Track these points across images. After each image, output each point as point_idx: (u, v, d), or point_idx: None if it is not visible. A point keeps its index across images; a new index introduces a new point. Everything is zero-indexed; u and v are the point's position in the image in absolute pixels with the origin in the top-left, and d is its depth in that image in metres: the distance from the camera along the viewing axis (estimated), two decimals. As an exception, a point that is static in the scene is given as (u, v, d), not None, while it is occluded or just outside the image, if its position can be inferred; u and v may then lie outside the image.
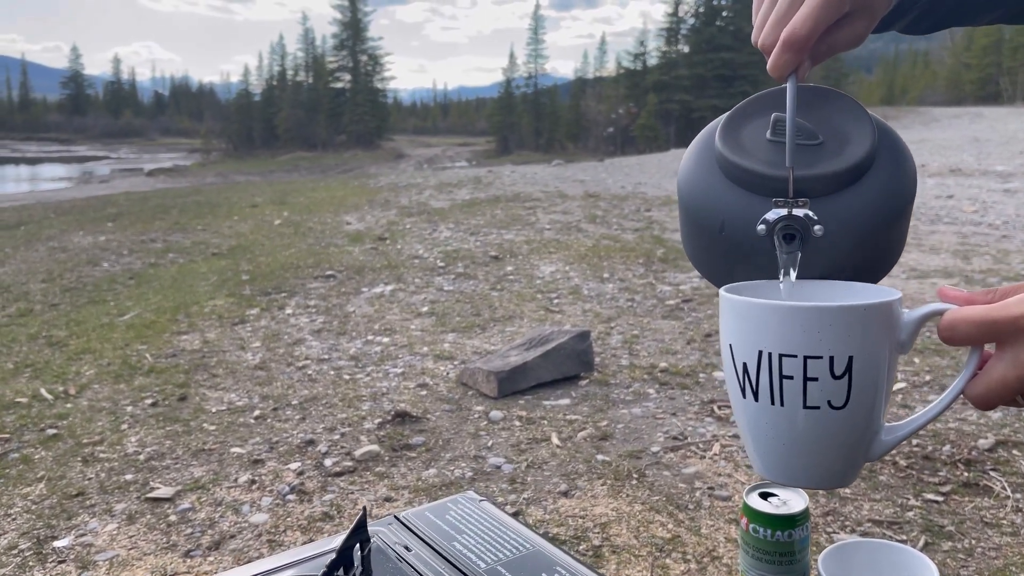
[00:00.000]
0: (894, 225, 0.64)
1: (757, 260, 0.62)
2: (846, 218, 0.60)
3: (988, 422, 2.50)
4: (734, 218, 0.62)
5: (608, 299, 4.39)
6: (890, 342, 0.54)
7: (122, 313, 4.37)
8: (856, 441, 0.55)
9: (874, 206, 0.61)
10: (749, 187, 0.62)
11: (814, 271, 0.62)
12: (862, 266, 0.63)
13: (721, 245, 0.64)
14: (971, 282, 4.41)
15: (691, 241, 0.69)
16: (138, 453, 2.49)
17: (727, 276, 0.64)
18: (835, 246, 0.61)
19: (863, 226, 0.61)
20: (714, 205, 0.64)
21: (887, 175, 0.63)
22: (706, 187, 0.65)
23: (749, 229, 0.61)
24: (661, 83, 48.45)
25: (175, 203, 10.52)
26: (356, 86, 61.95)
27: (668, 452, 2.36)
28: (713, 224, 0.64)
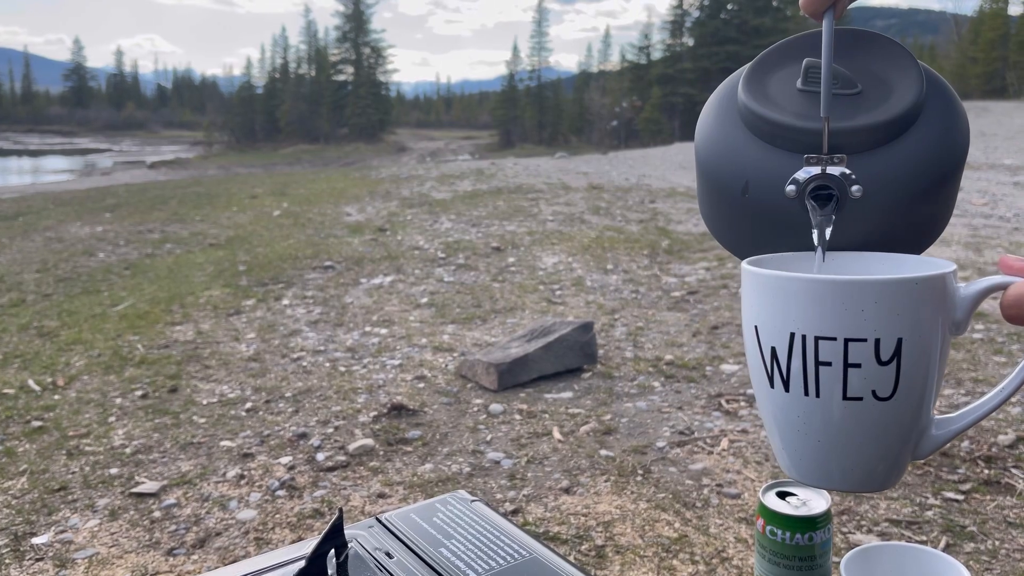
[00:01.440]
0: (943, 187, 0.54)
1: (785, 226, 0.53)
2: (889, 178, 0.52)
3: (1008, 417, 2.41)
4: (759, 178, 0.54)
5: (612, 291, 4.30)
6: (944, 321, 0.46)
7: (115, 303, 4.28)
8: (904, 437, 0.47)
9: (921, 164, 0.52)
10: (777, 143, 0.53)
11: (851, 239, 0.53)
12: (905, 235, 0.55)
13: (744, 209, 0.55)
14: (984, 274, 4.31)
15: (710, 206, 0.60)
16: (124, 446, 2.40)
17: (751, 246, 0.56)
18: (875, 210, 0.52)
19: (908, 187, 0.52)
20: (736, 164, 0.55)
21: (936, 130, 0.54)
22: (728, 144, 0.56)
23: (776, 190, 0.53)
24: (665, 76, 48.18)
25: (174, 194, 10.43)
26: (359, 79, 61.77)
27: (674, 447, 2.27)
28: (735, 185, 0.55)
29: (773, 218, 0.54)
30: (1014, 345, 3.09)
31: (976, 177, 9.49)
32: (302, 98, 61.54)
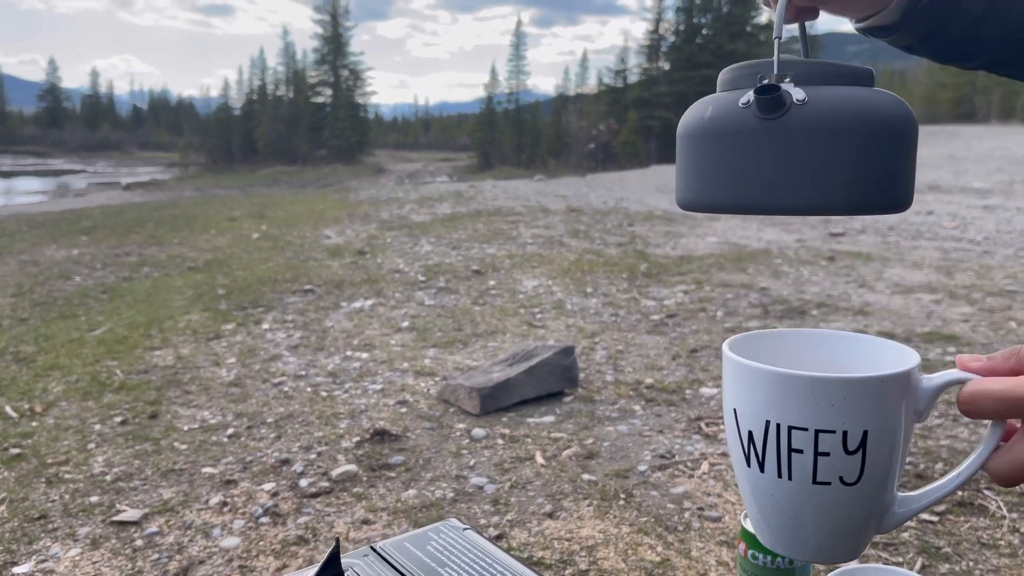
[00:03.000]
0: (893, 136, 0.56)
1: (745, 142, 0.56)
2: (839, 103, 0.54)
3: (980, 439, 2.46)
4: (720, 103, 0.58)
5: (592, 314, 4.33)
6: (907, 413, 0.50)
7: (93, 328, 4.25)
8: (868, 516, 0.51)
9: (870, 104, 0.55)
10: (739, 84, 0.58)
11: (805, 161, 0.54)
12: (849, 175, 0.55)
13: (709, 140, 0.58)
14: (955, 297, 4.40)
15: (685, 161, 0.62)
16: (105, 474, 2.38)
17: (720, 179, 0.58)
18: (824, 133, 0.54)
19: (858, 115, 0.54)
20: (703, 106, 0.60)
21: (888, 94, 0.58)
22: (699, 102, 0.61)
23: (734, 108, 0.56)
24: (642, 100, 48.75)
25: (151, 216, 10.36)
26: (337, 101, 61.84)
27: (656, 471, 2.30)
28: (701, 118, 0.59)
29: (731, 135, 0.56)
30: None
31: (947, 200, 9.70)
32: (280, 120, 61.43)
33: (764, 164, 0.56)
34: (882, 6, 0.69)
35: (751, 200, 0.58)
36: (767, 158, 0.56)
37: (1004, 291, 4.54)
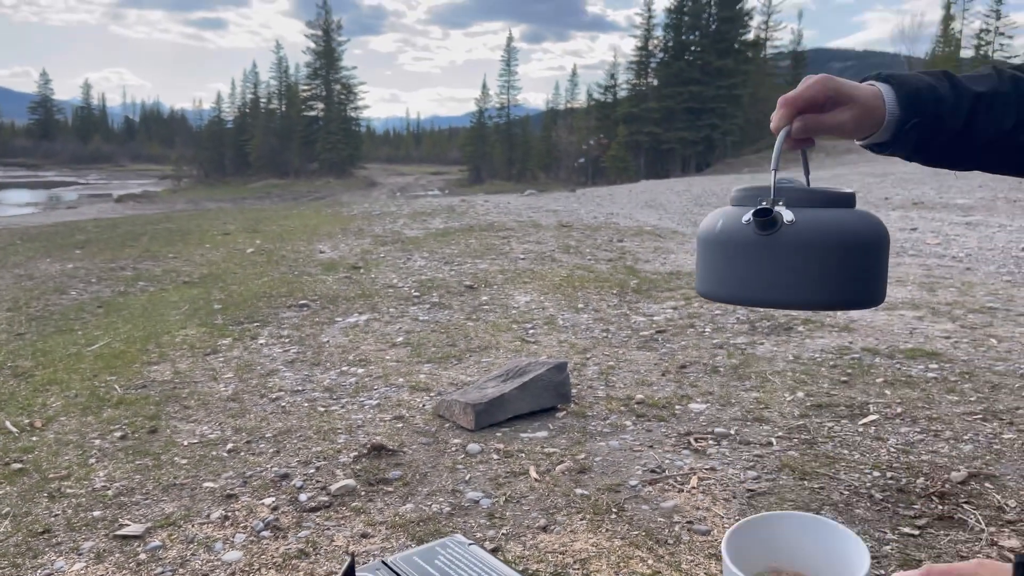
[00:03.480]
0: (868, 252, 0.74)
1: (746, 252, 0.74)
2: (822, 222, 0.72)
3: (960, 455, 2.54)
4: (728, 217, 0.77)
5: (583, 330, 4.40)
6: None
7: (90, 343, 4.29)
8: None
9: (848, 223, 0.73)
10: (744, 203, 0.77)
11: (791, 271, 0.73)
12: (837, 283, 0.74)
13: (718, 247, 0.77)
14: (938, 314, 4.50)
15: (703, 262, 0.81)
16: (106, 488, 2.43)
17: (728, 279, 0.77)
18: (810, 247, 0.72)
19: (837, 236, 0.72)
20: (716, 217, 0.79)
21: (866, 213, 0.77)
22: (714, 213, 0.81)
23: (738, 223, 0.75)
24: (631, 115, 49.06)
25: (145, 230, 10.39)
26: (329, 114, 61.98)
27: (646, 485, 2.36)
28: (713, 228, 0.78)
29: (736, 245, 0.75)
30: (966, 384, 3.25)
31: (930, 217, 9.84)
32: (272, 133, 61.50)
33: (761, 270, 0.73)
34: (873, 131, 0.83)
35: (752, 297, 0.76)
36: (763, 266, 0.73)
37: (985, 308, 4.64)
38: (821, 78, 0.81)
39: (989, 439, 2.66)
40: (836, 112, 0.81)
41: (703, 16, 48.83)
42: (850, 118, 0.81)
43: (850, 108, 0.81)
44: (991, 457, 2.52)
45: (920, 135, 0.84)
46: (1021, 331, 4.10)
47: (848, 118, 0.81)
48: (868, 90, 0.83)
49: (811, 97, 0.80)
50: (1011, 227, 8.58)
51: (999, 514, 2.14)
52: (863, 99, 0.82)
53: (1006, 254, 6.79)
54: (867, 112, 0.82)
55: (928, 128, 0.83)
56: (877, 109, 0.82)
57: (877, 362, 3.58)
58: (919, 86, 0.83)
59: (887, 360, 3.61)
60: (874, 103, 0.82)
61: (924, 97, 0.83)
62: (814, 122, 0.81)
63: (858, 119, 0.82)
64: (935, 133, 0.84)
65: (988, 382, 3.26)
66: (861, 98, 0.82)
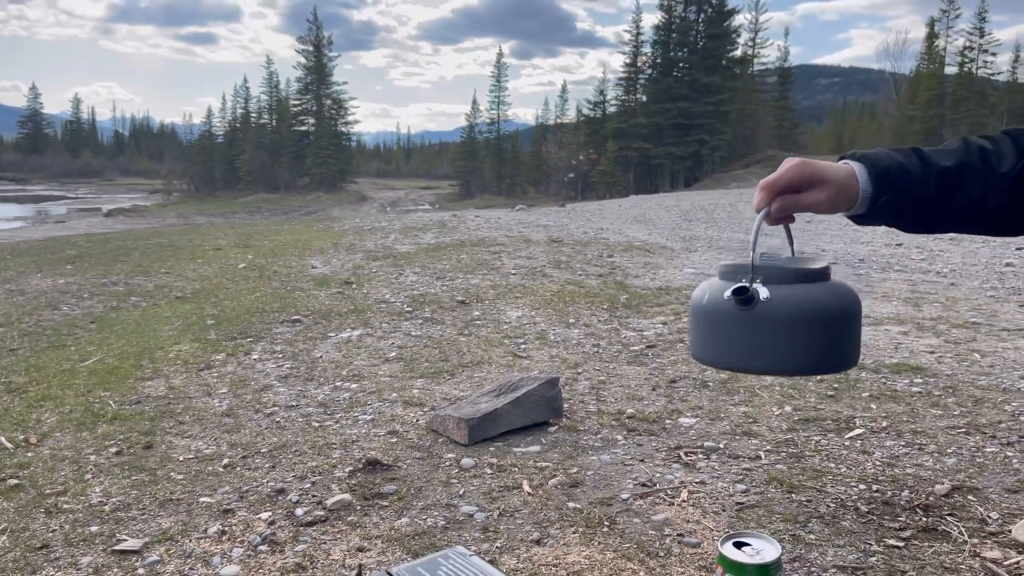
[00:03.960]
0: (838, 323, 0.82)
1: (728, 324, 0.83)
2: (795, 298, 0.81)
3: (944, 468, 2.60)
4: (714, 290, 0.86)
5: (574, 344, 4.45)
6: None
7: (84, 358, 4.30)
8: None
9: (822, 297, 0.81)
10: (727, 277, 0.86)
11: (767, 344, 0.81)
12: (799, 352, 0.82)
13: (705, 318, 0.86)
14: (922, 329, 4.57)
15: (692, 329, 0.90)
16: (103, 503, 2.45)
17: (715, 344, 0.85)
18: (784, 321, 0.80)
19: (806, 310, 0.80)
20: (704, 289, 0.88)
21: (839, 284, 0.85)
22: (703, 284, 0.90)
23: (720, 298, 0.84)
24: (620, 131, 49.37)
25: (137, 245, 10.39)
26: (320, 129, 62.07)
27: (638, 499, 2.40)
28: (701, 300, 0.87)
29: (719, 316, 0.83)
30: (950, 398, 3.31)
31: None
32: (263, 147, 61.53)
33: (740, 341, 0.82)
34: (849, 206, 0.91)
35: (734, 364, 0.84)
36: (742, 337, 0.81)
37: (969, 323, 4.72)
38: (798, 163, 0.87)
39: (972, 452, 2.72)
40: (812, 192, 0.88)
41: (691, 33, 49.31)
42: (825, 198, 0.88)
43: (825, 189, 0.88)
44: (974, 470, 2.57)
45: (893, 208, 0.91)
46: (1004, 346, 4.17)
47: (823, 198, 0.88)
48: (843, 170, 0.90)
49: (788, 180, 0.87)
50: (994, 243, 8.71)
51: (982, 526, 2.20)
52: (838, 180, 0.89)
53: (989, 269, 6.90)
54: (842, 191, 0.89)
55: (900, 202, 0.91)
56: (851, 188, 0.89)
57: (863, 376, 3.64)
58: (889, 164, 0.90)
59: (873, 374, 3.67)
60: (848, 182, 0.89)
61: (894, 174, 0.90)
62: (792, 202, 0.88)
63: (833, 199, 0.89)
64: (907, 205, 0.91)
65: (971, 396, 3.33)
66: (836, 179, 0.88)
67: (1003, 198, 0.91)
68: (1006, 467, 2.59)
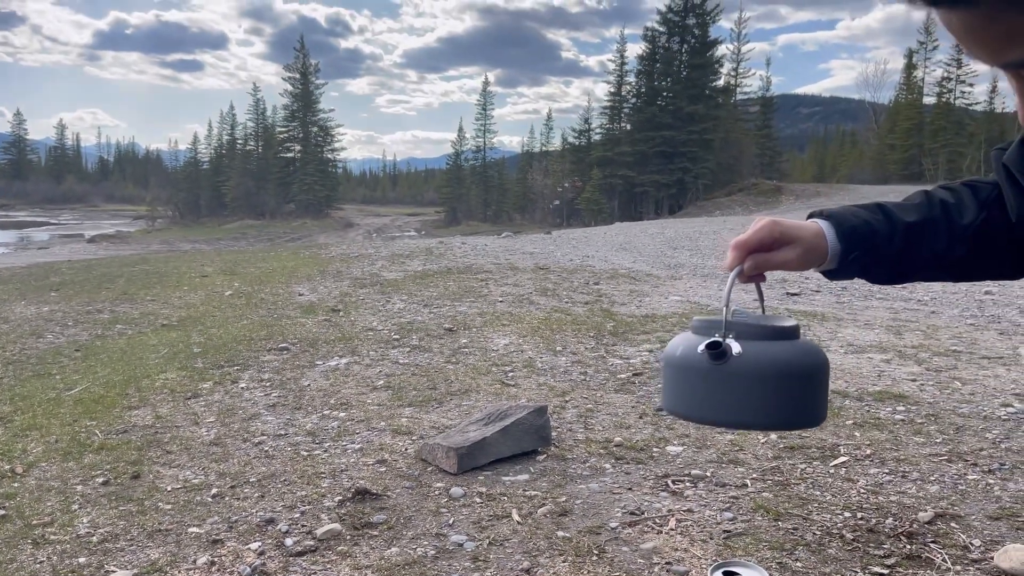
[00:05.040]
0: (806, 379, 0.86)
1: (700, 377, 0.86)
2: (766, 354, 0.84)
3: (927, 495, 2.64)
4: (687, 344, 0.89)
5: (561, 372, 4.48)
6: None
7: (69, 387, 4.28)
8: None
9: (791, 354, 0.85)
10: (701, 332, 0.89)
11: (737, 398, 0.85)
12: (770, 407, 0.85)
13: (678, 371, 0.89)
14: (904, 356, 4.64)
15: (665, 381, 0.93)
16: (91, 534, 2.44)
17: (684, 399, 0.89)
18: (755, 376, 0.83)
19: (776, 365, 0.83)
20: (677, 343, 0.91)
21: (808, 344, 0.89)
22: (677, 338, 0.93)
23: (694, 352, 0.87)
24: (605, 159, 49.80)
25: (122, 272, 10.34)
26: (306, 156, 62.19)
27: (626, 527, 2.42)
28: (674, 353, 0.90)
29: (694, 369, 0.86)
30: (932, 426, 3.36)
31: (898, 261, 10.11)
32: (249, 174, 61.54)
33: (711, 395, 0.85)
34: (819, 263, 0.95)
35: (704, 417, 0.87)
36: (713, 391, 0.84)
37: (950, 351, 4.80)
38: (768, 223, 0.91)
39: (954, 480, 2.76)
40: (783, 251, 0.92)
41: (675, 63, 50.02)
42: (795, 256, 0.92)
43: (795, 247, 0.92)
44: (956, 497, 2.61)
45: (861, 264, 0.95)
46: (984, 374, 4.24)
47: (793, 256, 0.92)
48: (811, 228, 0.94)
49: (759, 240, 0.91)
50: (974, 271, 8.85)
51: (964, 553, 2.23)
52: (806, 238, 0.93)
53: (969, 297, 7.01)
54: (811, 249, 0.93)
55: (867, 258, 0.95)
56: (819, 246, 0.93)
57: (847, 404, 3.69)
58: (855, 223, 0.95)
59: (856, 402, 3.72)
60: (816, 241, 0.93)
61: (861, 232, 0.94)
62: (763, 260, 0.91)
63: (802, 256, 0.92)
64: (874, 261, 0.96)
65: (953, 424, 3.38)
66: (804, 237, 0.93)
67: (965, 248, 0.95)
68: (987, 494, 2.63)
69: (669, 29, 49.84)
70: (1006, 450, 3.05)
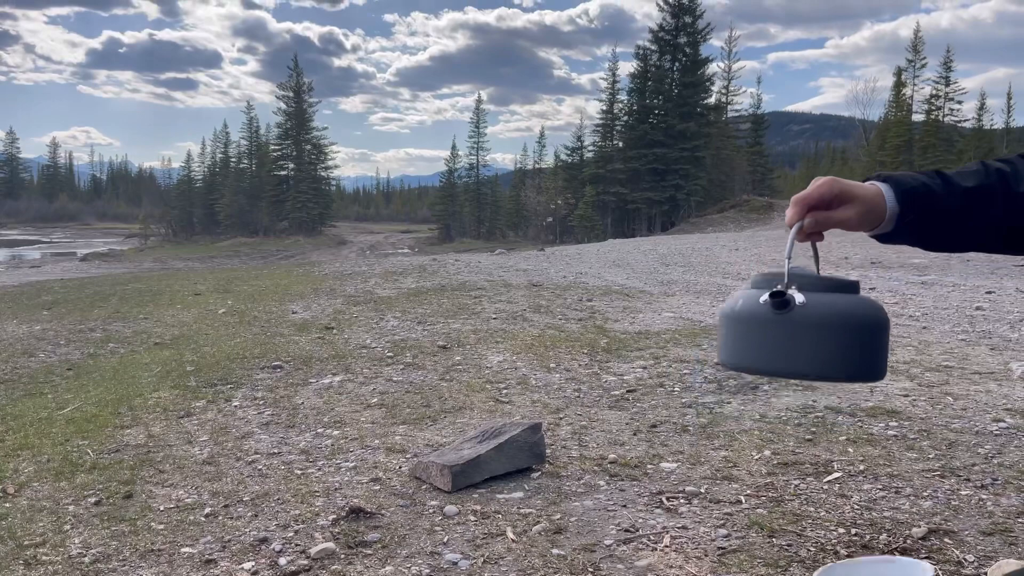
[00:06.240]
0: (872, 333, 0.86)
1: (762, 328, 0.86)
2: (830, 305, 0.84)
3: (920, 511, 2.64)
4: (747, 298, 0.90)
5: (555, 389, 4.48)
6: None
7: (61, 406, 4.26)
8: None
9: (853, 307, 0.85)
10: (761, 285, 0.90)
11: (802, 350, 0.84)
12: (835, 358, 0.85)
13: (739, 323, 0.89)
14: (896, 372, 4.66)
15: (726, 336, 0.93)
16: (82, 555, 2.42)
17: (745, 351, 0.89)
18: (820, 327, 0.83)
19: (840, 315, 0.83)
20: (737, 297, 0.92)
21: (869, 299, 0.89)
22: (736, 293, 0.94)
23: (756, 303, 0.88)
24: (597, 176, 50.02)
25: (114, 290, 10.31)
26: (299, 174, 62.29)
27: (621, 545, 2.42)
28: (734, 307, 0.90)
29: (752, 320, 0.87)
30: (925, 442, 3.38)
31: (888, 277, 10.17)
32: (242, 191, 61.58)
33: (774, 345, 0.84)
34: (876, 225, 0.95)
35: (766, 367, 0.87)
36: (776, 341, 0.84)
37: (941, 367, 4.82)
38: (829, 180, 0.92)
39: (947, 495, 2.77)
40: (842, 209, 0.92)
41: (666, 81, 50.39)
42: (854, 215, 0.92)
43: (854, 206, 0.92)
44: (949, 513, 2.62)
45: (917, 227, 0.96)
46: (976, 389, 4.26)
47: (852, 215, 0.92)
48: (870, 189, 0.94)
49: (820, 196, 0.91)
50: (964, 286, 8.90)
51: (958, 569, 2.24)
52: (866, 198, 0.93)
53: (960, 313, 7.05)
54: (870, 209, 0.93)
55: (924, 220, 0.95)
56: (879, 206, 0.94)
57: (840, 420, 3.70)
58: (914, 184, 0.96)
59: (849, 418, 3.73)
60: (876, 200, 0.94)
61: (919, 193, 0.95)
62: (823, 218, 0.91)
63: (862, 216, 0.93)
64: (931, 224, 0.96)
65: (945, 439, 3.39)
66: (864, 197, 0.93)
67: (1021, 217, 0.96)
68: (981, 510, 2.64)
69: (660, 48, 50.25)
70: (998, 465, 3.07)
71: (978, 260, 11.43)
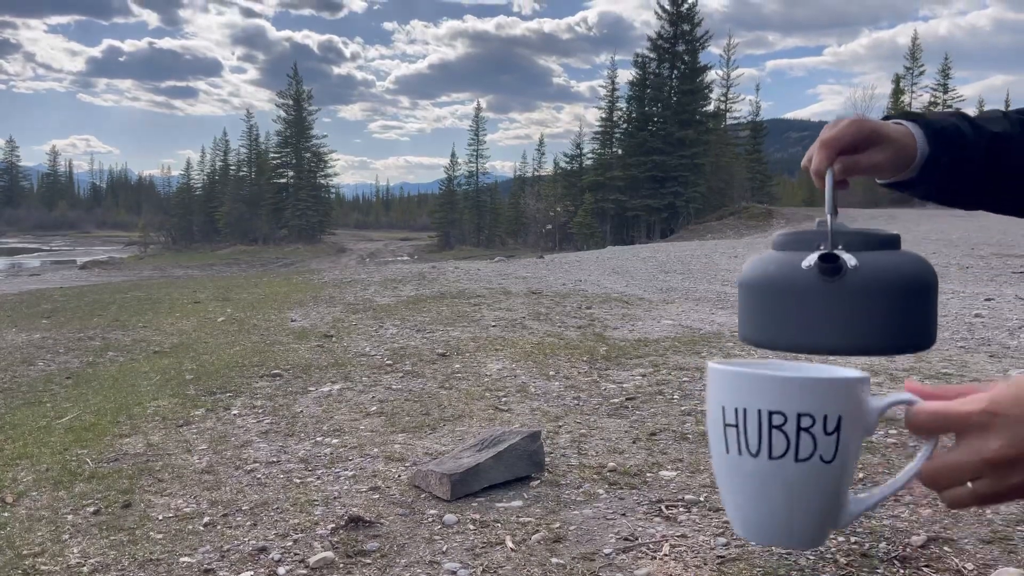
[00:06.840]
0: (920, 294, 0.72)
1: (807, 298, 0.71)
2: (880, 266, 0.70)
3: (920, 519, 2.64)
4: (781, 263, 0.73)
5: (555, 397, 4.48)
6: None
7: (60, 415, 4.26)
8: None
9: (904, 266, 0.71)
10: (790, 247, 0.74)
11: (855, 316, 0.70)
12: (894, 326, 0.71)
13: (774, 293, 0.73)
14: (895, 379, 4.66)
15: (751, 310, 0.77)
16: (81, 565, 2.42)
17: (787, 323, 0.73)
18: (870, 293, 0.70)
19: (898, 277, 0.70)
20: (764, 263, 0.75)
21: (914, 255, 0.74)
22: (758, 259, 0.77)
23: (795, 269, 0.71)
24: (597, 183, 50.06)
25: (114, 299, 10.31)
26: (299, 182, 62.33)
27: (620, 554, 2.42)
28: (764, 273, 0.74)
29: (789, 289, 0.72)
30: (924, 448, 3.37)
31: (888, 284, 10.16)
32: (241, 199, 61.62)
33: (825, 317, 0.71)
34: (905, 168, 0.85)
35: (809, 343, 0.72)
36: (827, 312, 0.70)
37: (940, 374, 4.82)
38: (856, 119, 0.81)
39: (946, 502, 2.77)
40: (872, 152, 0.82)
41: (665, 89, 50.50)
42: (885, 158, 0.83)
43: (885, 148, 0.82)
44: (949, 521, 2.62)
45: (946, 172, 0.87)
46: (975, 396, 4.26)
47: (883, 158, 0.82)
48: (900, 129, 0.84)
49: (850, 137, 0.81)
50: (964, 293, 8.91)
51: None
52: (897, 139, 0.83)
53: (959, 320, 7.05)
54: (901, 150, 0.83)
55: (954, 165, 0.87)
56: (910, 147, 0.84)
57: (839, 428, 3.69)
58: (945, 124, 0.87)
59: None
60: (907, 141, 0.84)
61: (950, 133, 0.86)
62: (852, 163, 0.81)
63: (892, 158, 0.83)
64: (958, 170, 0.87)
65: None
66: (895, 138, 0.83)
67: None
68: (980, 518, 2.64)
69: (659, 55, 50.37)
70: (997, 473, 3.06)
71: (977, 267, 11.44)
